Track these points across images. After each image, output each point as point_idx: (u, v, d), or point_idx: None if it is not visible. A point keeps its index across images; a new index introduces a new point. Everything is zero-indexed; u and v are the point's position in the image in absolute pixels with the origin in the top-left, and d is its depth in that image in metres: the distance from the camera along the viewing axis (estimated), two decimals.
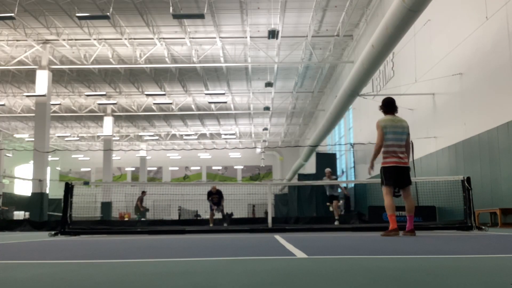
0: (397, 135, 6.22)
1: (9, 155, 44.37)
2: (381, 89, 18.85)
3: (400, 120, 6.37)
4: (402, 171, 6.21)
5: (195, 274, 2.02)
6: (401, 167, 6.20)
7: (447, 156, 13.05)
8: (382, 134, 6.21)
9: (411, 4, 9.84)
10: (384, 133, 6.20)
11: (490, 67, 10.61)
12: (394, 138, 6.21)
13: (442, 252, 3.10)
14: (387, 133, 6.20)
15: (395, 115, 6.40)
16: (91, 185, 25.99)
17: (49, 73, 23.88)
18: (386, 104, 6.44)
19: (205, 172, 50.06)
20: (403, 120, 6.39)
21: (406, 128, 6.31)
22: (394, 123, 6.27)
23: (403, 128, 6.29)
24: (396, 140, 6.21)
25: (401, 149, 6.23)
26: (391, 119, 6.32)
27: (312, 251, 3.39)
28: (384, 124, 6.26)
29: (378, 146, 6.25)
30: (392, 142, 6.20)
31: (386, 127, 6.23)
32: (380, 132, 6.24)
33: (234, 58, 25.24)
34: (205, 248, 3.92)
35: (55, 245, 4.75)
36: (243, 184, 42.78)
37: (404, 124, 6.33)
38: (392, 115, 6.38)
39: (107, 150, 33.35)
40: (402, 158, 6.21)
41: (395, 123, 6.27)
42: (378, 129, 6.29)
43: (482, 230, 7.80)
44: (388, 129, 6.21)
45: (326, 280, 1.78)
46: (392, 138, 6.21)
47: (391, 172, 6.19)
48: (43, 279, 1.93)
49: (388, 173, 6.21)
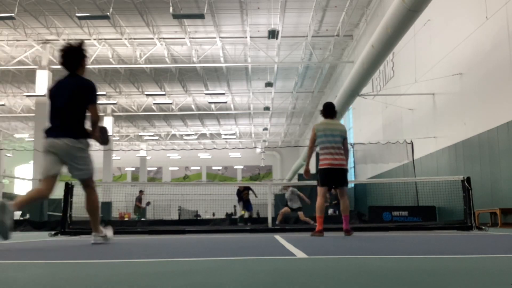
0: (331, 137, 6.49)
1: (9, 155, 44.37)
2: (381, 89, 18.86)
3: (336, 124, 6.66)
4: (337, 172, 6.47)
5: (195, 274, 2.02)
6: (335, 168, 6.45)
7: (447, 156, 13.05)
8: (313, 137, 6.59)
9: (411, 4, 9.84)
10: (318, 136, 6.53)
11: (490, 67, 10.61)
12: (328, 140, 6.49)
13: (442, 252, 3.10)
14: (320, 136, 6.51)
15: (332, 119, 6.69)
16: None
17: (49, 73, 23.87)
18: (325, 108, 6.76)
19: (205, 172, 50.07)
20: (339, 124, 6.70)
21: (343, 132, 6.59)
22: (328, 126, 6.56)
23: (340, 131, 6.56)
24: (330, 143, 6.48)
25: (336, 151, 6.48)
26: (326, 122, 6.63)
27: (312, 251, 3.39)
28: (317, 127, 6.59)
29: (308, 149, 6.66)
30: (326, 145, 6.49)
31: (319, 130, 6.55)
32: (312, 135, 6.60)
33: (234, 58, 25.25)
34: (205, 248, 3.92)
35: (55, 245, 4.75)
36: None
37: (340, 128, 6.62)
38: (329, 119, 6.68)
39: (107, 150, 33.36)
40: (337, 160, 6.47)
41: (330, 126, 6.56)
42: (311, 132, 6.65)
43: (482, 230, 7.80)
44: (322, 132, 6.51)
45: (326, 280, 1.78)
46: (326, 141, 6.49)
47: (326, 173, 6.47)
48: (43, 279, 1.93)
49: (323, 174, 6.49)
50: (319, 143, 6.53)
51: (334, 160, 6.45)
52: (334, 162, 6.45)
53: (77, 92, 4.50)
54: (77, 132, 4.51)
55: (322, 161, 6.50)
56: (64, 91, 4.52)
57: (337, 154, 6.47)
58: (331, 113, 6.69)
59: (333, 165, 6.44)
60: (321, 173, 6.51)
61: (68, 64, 4.57)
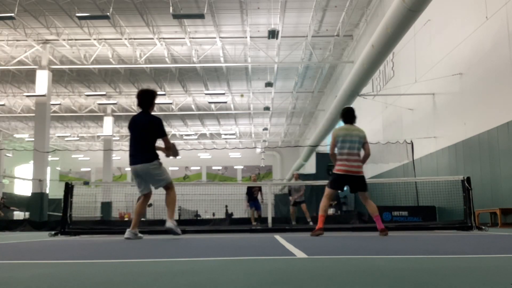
0: (350, 143, 6.41)
1: (9, 155, 44.35)
2: (381, 89, 18.86)
3: (356, 129, 6.55)
4: (353, 180, 6.45)
5: (195, 274, 2.02)
6: (351, 175, 6.42)
7: (447, 156, 13.05)
8: (334, 144, 6.52)
9: (411, 4, 9.84)
10: (337, 141, 6.46)
11: (490, 67, 10.61)
12: (346, 146, 6.41)
13: (442, 252, 3.10)
14: (339, 142, 6.44)
15: (352, 125, 6.59)
16: (91, 185, 26.01)
17: (49, 73, 23.88)
18: (345, 114, 6.66)
19: (205, 172, 50.06)
20: (359, 130, 6.57)
21: (362, 137, 6.50)
22: (348, 132, 6.47)
23: (359, 137, 6.47)
24: (349, 149, 6.41)
25: (354, 157, 6.42)
26: (346, 128, 6.54)
27: (312, 251, 3.39)
28: (337, 133, 6.51)
29: (330, 155, 6.60)
30: (344, 151, 6.42)
31: (339, 136, 6.47)
32: (333, 142, 6.54)
33: (234, 58, 25.24)
34: (205, 248, 3.92)
35: (55, 245, 4.75)
36: (243, 184, 42.74)
37: (359, 133, 6.51)
38: (349, 125, 6.58)
39: (107, 150, 33.35)
40: (354, 167, 6.41)
41: (350, 132, 6.47)
42: (332, 138, 6.60)
43: (482, 230, 7.80)
44: (342, 138, 6.44)
45: (326, 280, 1.78)
46: (344, 147, 6.42)
47: (339, 179, 6.45)
48: (43, 279, 1.93)
49: (336, 179, 6.48)
50: (338, 148, 6.47)
51: (351, 167, 6.38)
52: (350, 169, 6.38)
53: (148, 126, 6.05)
54: (149, 157, 6.05)
55: (339, 166, 6.43)
56: (138, 125, 6.08)
57: (354, 161, 6.40)
58: (351, 118, 6.59)
59: (348, 171, 6.38)
60: (335, 177, 6.48)
61: (142, 104, 6.12)
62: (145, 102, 6.13)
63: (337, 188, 6.54)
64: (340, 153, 6.44)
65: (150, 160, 6.03)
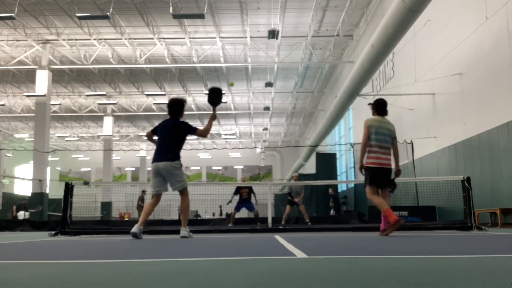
0: (382, 136, 6.25)
1: (9, 155, 44.36)
2: (381, 89, 18.86)
3: (388, 122, 6.39)
4: (386, 172, 6.24)
5: (195, 274, 2.02)
6: (383, 168, 6.22)
7: (447, 156, 13.05)
8: (367, 133, 6.24)
9: (411, 4, 9.84)
10: (370, 132, 6.23)
11: (490, 67, 10.61)
12: (379, 139, 6.23)
13: (442, 252, 3.10)
14: (372, 133, 6.23)
15: (384, 117, 6.42)
16: (91, 185, 26.00)
17: (49, 73, 23.87)
18: (378, 105, 6.45)
19: (205, 172, 50.05)
20: (390, 123, 6.42)
21: (393, 132, 6.35)
22: (381, 124, 6.29)
23: (390, 131, 6.32)
24: (381, 141, 6.24)
25: (386, 151, 6.26)
26: (379, 120, 6.35)
27: (312, 251, 3.39)
28: (371, 123, 6.28)
29: (363, 145, 6.27)
30: (376, 143, 6.23)
31: (372, 126, 6.25)
32: (366, 131, 6.26)
33: (234, 58, 25.24)
34: (205, 248, 3.92)
35: (55, 245, 4.75)
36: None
37: (391, 127, 6.36)
38: (381, 117, 6.40)
39: (107, 150, 33.35)
40: (386, 160, 6.24)
41: (382, 125, 6.30)
42: (364, 128, 6.30)
43: (482, 230, 7.80)
44: (374, 129, 6.24)
45: (326, 280, 1.78)
46: (378, 139, 6.23)
47: (375, 172, 6.21)
48: (43, 279, 1.93)
49: (372, 173, 6.22)
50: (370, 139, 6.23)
51: (384, 159, 6.20)
52: (384, 161, 6.19)
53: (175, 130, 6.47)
54: (173, 156, 6.39)
55: (371, 159, 6.20)
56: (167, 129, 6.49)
57: (386, 154, 6.22)
58: (384, 110, 6.40)
59: (382, 164, 6.19)
60: (369, 171, 6.21)
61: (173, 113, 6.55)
62: (175, 111, 6.57)
63: (376, 183, 6.20)
64: (372, 145, 6.22)
65: (173, 159, 6.38)
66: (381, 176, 6.20)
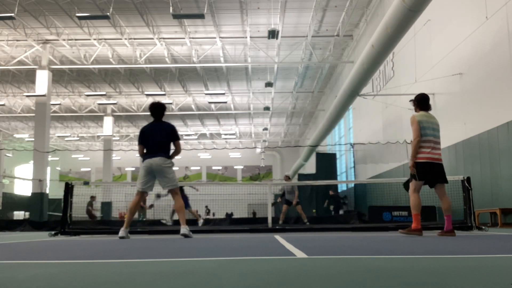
0: (432, 130, 6.12)
1: (9, 155, 44.36)
2: (381, 89, 18.86)
3: (434, 117, 6.29)
4: (437, 168, 6.08)
5: (195, 274, 2.02)
6: (436, 163, 6.07)
7: (447, 156, 13.04)
8: (419, 129, 6.05)
9: (411, 4, 9.84)
10: (422, 128, 6.06)
11: (490, 67, 10.61)
12: (430, 134, 6.09)
13: (442, 252, 3.10)
14: (424, 128, 6.07)
15: (428, 112, 6.28)
16: (91, 185, 26.00)
17: (49, 73, 23.87)
18: (420, 100, 6.28)
19: (205, 172, 50.05)
20: (435, 118, 6.31)
21: (439, 127, 6.25)
22: (429, 119, 6.16)
23: (438, 126, 6.23)
24: (434, 136, 6.11)
25: (437, 145, 6.12)
26: (426, 115, 6.20)
27: (312, 251, 3.39)
28: (420, 118, 6.10)
29: (416, 141, 6.05)
30: (428, 138, 6.08)
31: (422, 122, 6.08)
32: (417, 127, 6.06)
33: (234, 58, 25.25)
34: (205, 248, 3.92)
35: (55, 245, 4.75)
36: (243, 184, 42.78)
37: (437, 122, 6.26)
38: (426, 112, 6.26)
39: (107, 150, 33.35)
40: (438, 154, 6.10)
41: (430, 119, 6.17)
42: (414, 124, 6.10)
43: (482, 230, 7.80)
44: (424, 124, 6.09)
45: (326, 280, 1.78)
46: (428, 134, 6.08)
47: (425, 167, 6.03)
48: (43, 279, 1.93)
49: (422, 168, 6.03)
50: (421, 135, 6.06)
51: (435, 154, 6.06)
52: (435, 156, 6.04)
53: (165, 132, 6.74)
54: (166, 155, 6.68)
55: (422, 154, 6.01)
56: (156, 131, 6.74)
57: (437, 149, 6.09)
58: (427, 105, 6.26)
59: (433, 159, 6.02)
60: (420, 166, 6.02)
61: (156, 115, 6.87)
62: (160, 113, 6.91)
63: (424, 179, 6.04)
64: (423, 140, 6.05)
65: (167, 156, 6.67)
66: (434, 172, 6.06)
